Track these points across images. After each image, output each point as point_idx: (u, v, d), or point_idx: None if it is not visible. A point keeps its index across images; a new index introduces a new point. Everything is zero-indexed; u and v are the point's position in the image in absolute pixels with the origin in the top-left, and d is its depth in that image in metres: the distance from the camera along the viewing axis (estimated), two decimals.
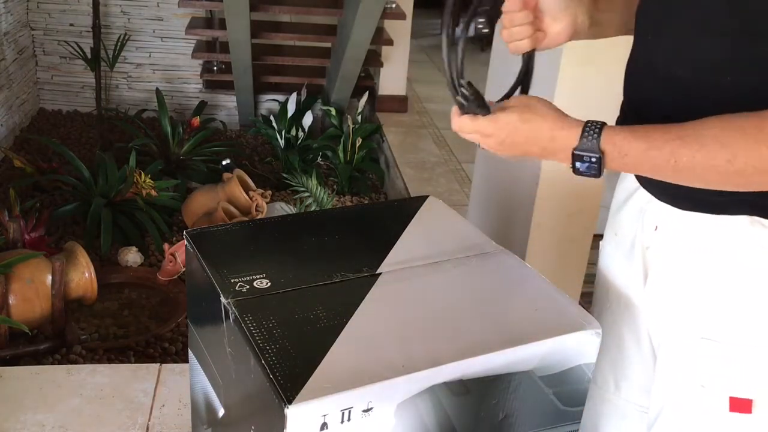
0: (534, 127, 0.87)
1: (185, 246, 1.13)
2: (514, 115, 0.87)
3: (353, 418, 0.85)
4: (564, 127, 0.86)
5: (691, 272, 0.88)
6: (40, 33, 3.86)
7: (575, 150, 0.84)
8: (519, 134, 0.88)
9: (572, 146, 0.85)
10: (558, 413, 1.04)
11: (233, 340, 0.96)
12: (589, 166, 0.84)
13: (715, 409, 0.86)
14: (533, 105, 0.89)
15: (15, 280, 2.08)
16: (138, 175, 2.84)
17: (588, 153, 0.84)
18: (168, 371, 1.93)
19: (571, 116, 0.88)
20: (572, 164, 0.85)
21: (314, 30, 3.74)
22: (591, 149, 0.84)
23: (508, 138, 0.88)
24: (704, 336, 0.86)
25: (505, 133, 0.88)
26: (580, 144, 0.84)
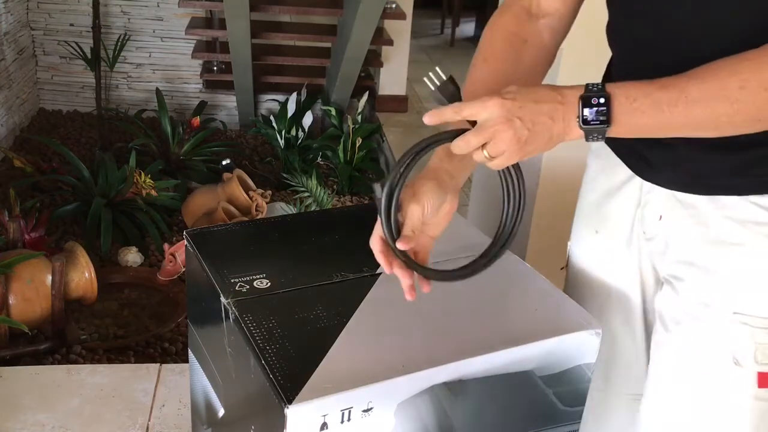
0: (540, 91, 0.80)
1: (185, 246, 1.13)
2: (512, 86, 0.81)
3: (353, 418, 0.85)
4: (565, 86, 0.82)
5: (717, 252, 0.88)
6: (40, 33, 3.86)
7: (582, 95, 0.79)
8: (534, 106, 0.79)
9: (579, 94, 0.80)
10: (558, 413, 1.04)
11: (233, 340, 0.96)
12: (598, 111, 0.78)
13: (743, 385, 0.87)
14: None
15: (15, 280, 2.08)
16: (138, 175, 2.84)
17: (595, 96, 0.79)
18: (168, 371, 1.93)
19: None
20: (580, 117, 0.79)
21: (314, 30, 3.74)
22: (598, 92, 0.79)
23: (526, 113, 0.79)
24: (736, 311, 0.87)
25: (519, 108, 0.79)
26: (587, 91, 0.79)
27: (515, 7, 0.98)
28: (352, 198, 3.37)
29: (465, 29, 6.23)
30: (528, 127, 0.78)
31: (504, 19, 0.98)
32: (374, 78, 4.16)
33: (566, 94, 0.80)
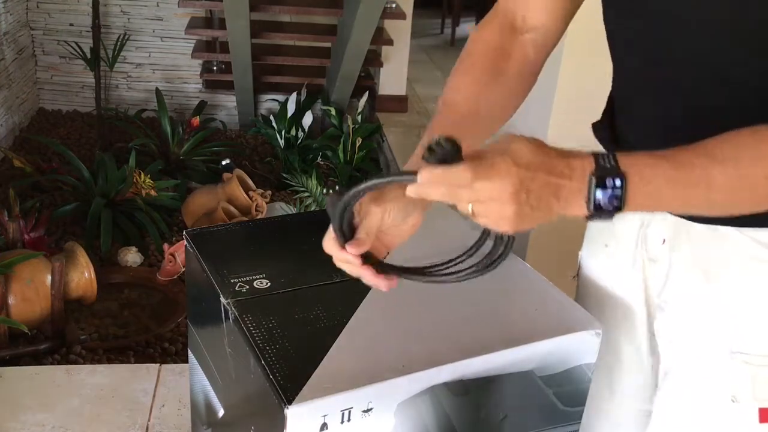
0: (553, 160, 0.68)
1: (185, 246, 1.13)
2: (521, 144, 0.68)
3: (353, 418, 0.85)
4: (574, 155, 0.69)
5: (716, 286, 0.85)
6: (40, 33, 3.86)
7: (594, 174, 0.68)
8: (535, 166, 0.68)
9: (589, 170, 0.68)
10: (558, 413, 1.04)
11: (233, 340, 0.96)
12: (612, 195, 0.68)
13: (744, 421, 0.85)
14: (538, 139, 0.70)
15: (15, 280, 2.08)
16: (138, 175, 2.84)
17: (610, 176, 0.68)
18: (168, 371, 1.93)
19: None
20: (588, 198, 0.69)
21: (314, 30, 3.74)
22: (612, 171, 0.68)
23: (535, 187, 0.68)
24: (734, 350, 0.84)
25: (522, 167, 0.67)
26: (599, 166, 0.68)
27: (499, 21, 0.95)
28: None
29: (465, 29, 6.23)
30: (532, 204, 0.68)
31: (487, 32, 0.95)
32: (374, 78, 4.16)
33: (575, 167, 0.68)
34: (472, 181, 0.67)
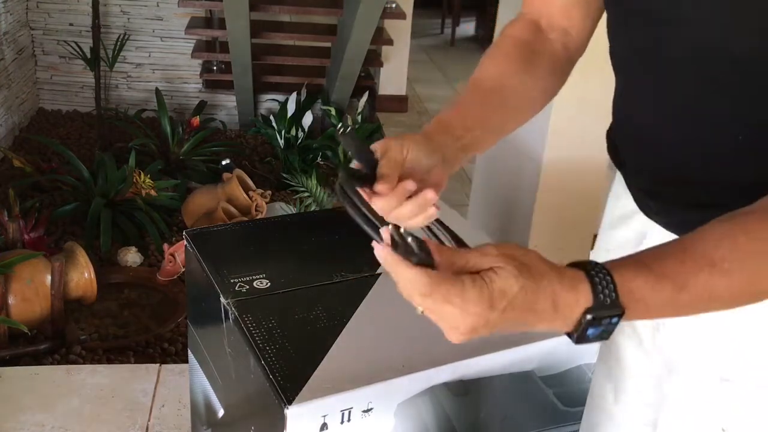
0: (535, 298, 0.62)
1: (185, 246, 1.13)
2: (511, 280, 0.62)
3: (353, 418, 0.85)
4: (565, 286, 0.63)
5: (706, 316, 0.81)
6: (40, 33, 3.86)
7: (591, 314, 0.62)
8: (514, 310, 0.62)
9: (583, 308, 0.63)
10: (558, 413, 1.04)
11: (233, 340, 0.96)
12: (604, 331, 0.64)
13: None
14: (529, 262, 0.63)
15: (15, 280, 2.08)
16: (138, 175, 2.84)
17: (608, 313, 0.63)
18: (168, 371, 1.93)
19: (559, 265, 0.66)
20: (578, 332, 0.64)
21: (314, 30, 3.74)
22: (611, 307, 0.62)
23: (490, 324, 0.62)
24: (724, 377, 0.82)
25: (498, 310, 0.62)
26: (597, 301, 0.62)
27: (524, 20, 0.94)
28: None
29: (465, 29, 6.24)
30: (492, 331, 0.64)
31: (515, 29, 0.94)
32: (374, 78, 4.16)
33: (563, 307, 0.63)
34: (432, 295, 0.62)
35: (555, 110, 1.91)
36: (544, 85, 0.93)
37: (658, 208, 0.87)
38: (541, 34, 0.93)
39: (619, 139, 0.92)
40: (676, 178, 0.83)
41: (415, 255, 0.63)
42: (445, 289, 0.61)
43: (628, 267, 0.65)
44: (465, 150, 0.84)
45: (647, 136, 0.86)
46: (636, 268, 0.64)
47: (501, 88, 0.89)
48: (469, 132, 0.84)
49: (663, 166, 0.85)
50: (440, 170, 0.80)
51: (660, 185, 0.86)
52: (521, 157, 2.06)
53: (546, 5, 0.93)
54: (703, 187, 0.80)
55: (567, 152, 1.95)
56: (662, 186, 0.86)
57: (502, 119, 0.90)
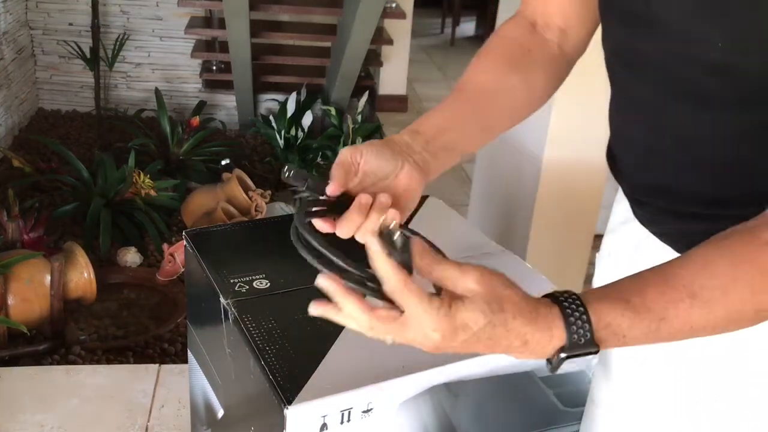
0: (503, 334, 0.62)
1: (184, 246, 1.13)
2: (477, 314, 0.61)
3: (353, 418, 0.84)
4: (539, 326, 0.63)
5: None
6: (39, 32, 3.86)
7: (565, 353, 0.63)
8: (479, 341, 0.63)
9: (557, 347, 0.63)
10: (558, 414, 1.03)
11: (232, 340, 0.96)
12: (580, 363, 0.65)
13: None
14: (504, 297, 0.63)
15: (14, 280, 2.07)
16: (137, 175, 2.84)
17: (582, 351, 0.63)
18: (167, 372, 1.93)
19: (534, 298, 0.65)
20: (553, 365, 0.65)
21: (314, 30, 3.74)
22: (585, 346, 0.63)
23: (461, 345, 0.63)
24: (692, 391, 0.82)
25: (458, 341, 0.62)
26: (571, 341, 0.63)
27: (520, 20, 0.93)
28: None
29: (465, 29, 6.24)
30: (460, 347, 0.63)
31: (508, 28, 0.93)
32: (374, 78, 4.16)
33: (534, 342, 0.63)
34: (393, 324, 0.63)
35: (555, 110, 1.91)
36: (536, 85, 0.92)
37: (649, 217, 0.87)
38: (536, 34, 0.92)
39: (613, 145, 0.93)
40: (662, 188, 0.83)
41: (396, 252, 0.62)
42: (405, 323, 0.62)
43: (606, 300, 0.64)
44: (442, 151, 0.83)
45: (634, 144, 0.86)
46: (613, 302, 0.64)
47: (488, 89, 0.88)
48: (443, 134, 0.84)
49: (649, 175, 0.85)
50: (408, 175, 0.79)
51: (648, 194, 0.86)
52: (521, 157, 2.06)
53: (543, 5, 0.92)
54: (691, 197, 0.80)
55: (567, 152, 1.95)
56: (650, 195, 0.86)
57: (488, 120, 0.89)
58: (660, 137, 0.80)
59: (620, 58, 0.84)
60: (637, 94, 0.81)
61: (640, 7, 0.75)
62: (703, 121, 0.74)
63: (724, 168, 0.75)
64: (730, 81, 0.70)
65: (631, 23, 0.78)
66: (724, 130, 0.73)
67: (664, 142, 0.79)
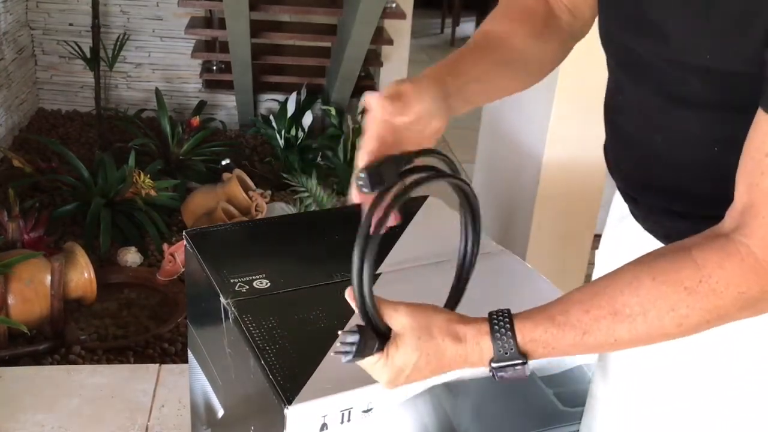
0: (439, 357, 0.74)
1: (185, 246, 1.13)
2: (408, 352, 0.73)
3: (353, 418, 0.84)
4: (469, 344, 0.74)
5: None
6: (40, 32, 3.86)
7: (495, 363, 0.73)
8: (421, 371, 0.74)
9: (488, 359, 0.74)
10: (558, 413, 1.04)
11: (233, 340, 0.96)
12: (514, 372, 0.73)
13: None
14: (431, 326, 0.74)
15: (14, 280, 2.07)
16: (137, 175, 2.84)
17: (510, 363, 0.73)
18: (167, 372, 1.93)
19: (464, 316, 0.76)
20: (492, 374, 0.75)
21: (314, 30, 3.73)
22: (511, 357, 0.72)
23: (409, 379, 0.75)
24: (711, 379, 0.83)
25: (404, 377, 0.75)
26: (497, 353, 0.73)
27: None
28: None
29: (465, 29, 6.23)
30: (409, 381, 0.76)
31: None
32: (374, 78, 4.16)
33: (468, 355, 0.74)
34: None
35: (555, 110, 1.91)
36: (551, 52, 0.93)
37: (643, 215, 0.88)
38: (548, 6, 0.93)
39: (607, 142, 0.93)
40: (654, 187, 0.84)
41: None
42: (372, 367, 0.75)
43: (532, 318, 0.73)
44: (465, 102, 0.84)
45: (627, 142, 0.87)
46: (538, 320, 0.73)
47: (506, 46, 0.89)
48: (473, 85, 0.85)
49: (641, 173, 0.85)
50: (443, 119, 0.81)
51: (641, 192, 0.87)
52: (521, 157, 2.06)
53: None
54: (681, 196, 0.81)
55: (567, 152, 1.95)
56: (643, 193, 0.86)
57: (509, 79, 0.90)
58: (653, 137, 0.81)
59: (616, 58, 0.85)
60: (632, 94, 0.82)
61: (638, 14, 0.76)
62: (695, 122, 0.75)
63: (714, 168, 0.76)
64: (716, 85, 0.71)
65: (628, 27, 0.79)
66: (714, 131, 0.74)
67: (656, 141, 0.80)
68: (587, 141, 1.88)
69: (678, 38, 0.72)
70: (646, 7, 0.75)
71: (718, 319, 0.69)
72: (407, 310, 0.74)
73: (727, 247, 0.67)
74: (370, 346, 0.73)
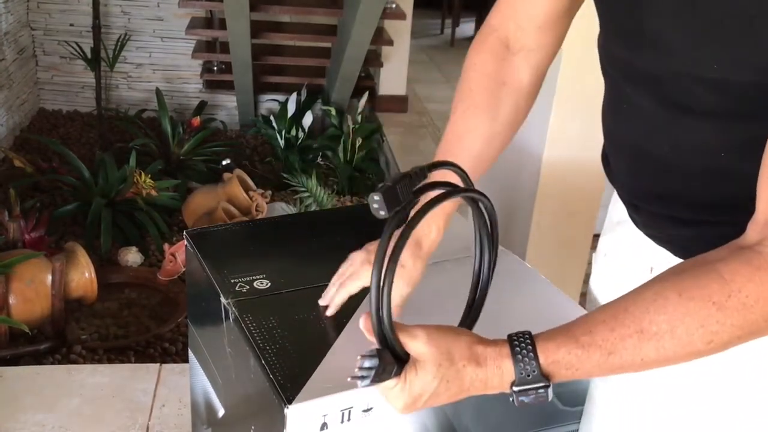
0: (459, 384, 0.71)
1: (185, 246, 1.13)
2: (428, 378, 0.71)
3: (353, 418, 0.85)
4: (490, 368, 0.71)
5: None
6: (41, 33, 3.86)
7: (515, 387, 0.70)
8: (440, 396, 0.72)
9: (509, 382, 0.71)
10: (558, 413, 1.04)
11: (233, 340, 0.96)
12: (536, 396, 0.70)
13: None
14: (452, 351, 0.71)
15: (15, 280, 2.08)
16: (138, 175, 2.84)
17: (532, 386, 0.70)
18: (168, 371, 1.93)
19: (483, 339, 0.73)
20: (513, 398, 0.72)
21: (314, 30, 3.74)
22: (534, 380, 0.69)
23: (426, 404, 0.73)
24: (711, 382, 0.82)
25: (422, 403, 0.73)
26: (519, 376, 0.70)
27: (492, 40, 0.93)
28: (352, 198, 3.37)
29: (465, 29, 6.23)
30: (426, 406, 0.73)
31: (481, 57, 0.94)
32: (374, 78, 4.16)
33: (488, 379, 0.71)
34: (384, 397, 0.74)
35: (555, 110, 1.91)
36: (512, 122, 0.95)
37: (644, 221, 0.88)
38: (506, 61, 0.93)
39: (607, 149, 0.93)
40: (656, 194, 0.84)
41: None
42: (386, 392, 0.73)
43: (554, 339, 0.70)
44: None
45: (628, 150, 0.87)
46: (561, 341, 0.70)
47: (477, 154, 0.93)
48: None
49: (643, 181, 0.85)
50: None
51: (642, 199, 0.87)
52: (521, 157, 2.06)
53: (512, 17, 0.92)
54: (684, 204, 0.81)
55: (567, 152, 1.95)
56: (644, 200, 0.86)
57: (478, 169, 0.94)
58: (655, 145, 0.80)
59: (617, 69, 0.84)
60: (634, 103, 0.82)
61: (638, 29, 0.76)
62: (703, 130, 0.75)
63: (722, 175, 0.75)
64: (725, 95, 0.71)
65: (628, 40, 0.79)
66: (722, 139, 0.74)
67: (663, 150, 0.80)
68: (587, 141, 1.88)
69: (683, 51, 0.72)
70: (646, 23, 0.74)
71: (750, 334, 0.67)
72: (426, 337, 0.71)
73: (755, 260, 0.65)
74: (388, 371, 0.70)
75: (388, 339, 0.71)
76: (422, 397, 0.71)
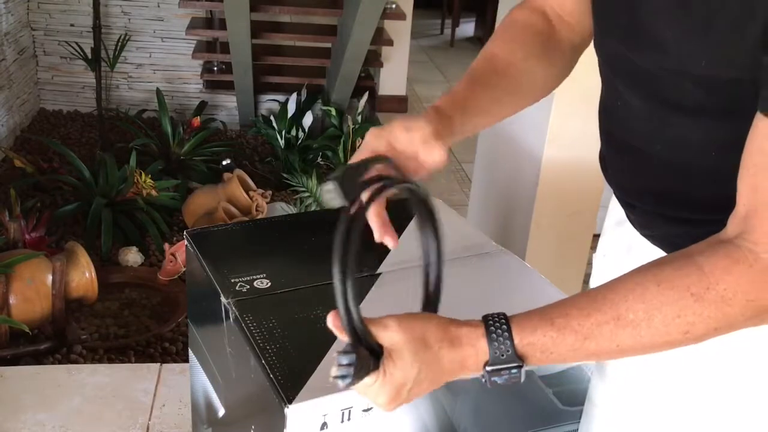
0: (439, 367, 0.70)
1: (185, 246, 1.13)
2: (407, 367, 0.69)
3: (353, 417, 0.85)
4: (464, 347, 0.70)
5: None
6: (41, 33, 3.87)
7: (488, 367, 0.70)
8: (422, 383, 0.71)
9: (483, 361, 0.70)
10: (557, 413, 1.04)
11: (233, 339, 0.96)
12: (509, 377, 0.70)
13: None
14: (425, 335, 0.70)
15: (15, 280, 2.08)
16: (138, 175, 2.85)
17: (505, 366, 0.70)
18: (168, 371, 1.93)
19: (456, 320, 0.73)
20: (485, 379, 0.71)
21: (314, 30, 3.74)
22: (507, 360, 0.69)
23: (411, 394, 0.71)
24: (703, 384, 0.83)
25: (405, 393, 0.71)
26: (493, 356, 0.70)
27: (532, 8, 0.93)
28: None
29: (465, 29, 6.24)
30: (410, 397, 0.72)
31: (522, 14, 0.93)
32: (374, 78, 4.16)
33: (465, 359, 0.70)
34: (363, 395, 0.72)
35: (555, 110, 1.91)
36: (554, 71, 0.94)
37: (640, 221, 0.88)
38: (550, 23, 0.93)
39: (603, 148, 0.93)
40: (650, 192, 0.84)
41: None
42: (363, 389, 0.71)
43: (530, 321, 0.71)
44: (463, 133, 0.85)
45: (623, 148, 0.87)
46: (536, 323, 0.70)
47: (512, 72, 0.89)
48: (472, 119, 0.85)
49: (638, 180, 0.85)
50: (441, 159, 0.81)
51: (637, 198, 0.87)
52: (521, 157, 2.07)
53: None
54: (678, 202, 0.81)
55: (567, 152, 1.95)
56: (639, 199, 0.87)
57: (509, 104, 0.91)
58: (651, 144, 0.81)
59: (611, 66, 0.85)
60: (630, 102, 0.82)
61: (632, 25, 0.76)
62: (694, 128, 0.75)
63: (713, 173, 0.76)
64: (714, 92, 0.71)
65: (623, 39, 0.79)
66: (712, 136, 0.74)
67: (655, 148, 0.80)
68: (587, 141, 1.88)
69: (675, 48, 0.72)
70: (641, 19, 0.75)
71: (727, 327, 0.67)
72: (398, 326, 0.71)
73: (734, 253, 0.66)
74: (366, 366, 0.69)
75: (360, 333, 0.70)
76: (405, 386, 0.70)
